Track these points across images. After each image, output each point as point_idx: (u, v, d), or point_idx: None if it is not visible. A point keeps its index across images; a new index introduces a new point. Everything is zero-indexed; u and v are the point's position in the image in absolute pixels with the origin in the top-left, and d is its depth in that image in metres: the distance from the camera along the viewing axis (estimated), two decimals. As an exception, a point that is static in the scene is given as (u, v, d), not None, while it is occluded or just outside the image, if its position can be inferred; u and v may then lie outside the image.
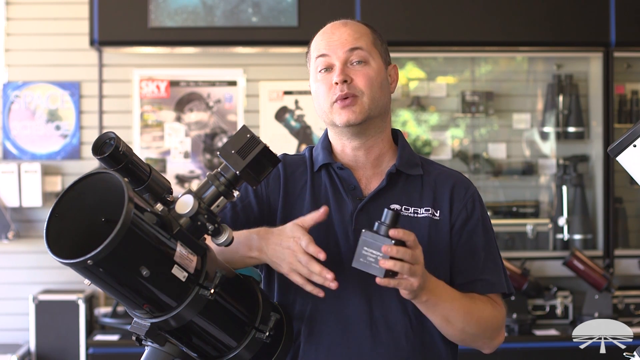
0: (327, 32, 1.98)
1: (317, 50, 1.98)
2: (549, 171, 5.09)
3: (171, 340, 1.69)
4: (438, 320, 1.87)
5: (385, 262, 1.70)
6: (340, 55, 1.94)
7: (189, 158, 4.92)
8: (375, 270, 1.72)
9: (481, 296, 1.95)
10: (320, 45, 1.97)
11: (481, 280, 1.95)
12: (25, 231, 4.83)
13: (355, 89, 1.92)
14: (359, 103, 1.92)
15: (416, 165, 2.00)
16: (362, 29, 1.99)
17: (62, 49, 4.88)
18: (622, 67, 5.02)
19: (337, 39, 1.95)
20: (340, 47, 1.94)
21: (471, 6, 4.73)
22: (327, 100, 1.94)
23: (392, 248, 1.70)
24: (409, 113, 5.04)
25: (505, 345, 4.23)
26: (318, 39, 1.99)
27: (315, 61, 1.97)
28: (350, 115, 1.92)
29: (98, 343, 4.32)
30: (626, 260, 4.86)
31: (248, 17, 4.66)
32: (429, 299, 1.82)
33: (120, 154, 1.59)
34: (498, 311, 1.95)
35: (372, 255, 1.72)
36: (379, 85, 1.95)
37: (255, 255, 1.87)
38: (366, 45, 1.95)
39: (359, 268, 1.73)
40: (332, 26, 1.99)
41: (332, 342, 1.91)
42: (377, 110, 1.95)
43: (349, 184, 1.97)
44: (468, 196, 1.99)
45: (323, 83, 1.95)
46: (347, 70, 1.93)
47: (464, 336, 1.91)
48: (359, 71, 1.93)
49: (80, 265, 1.46)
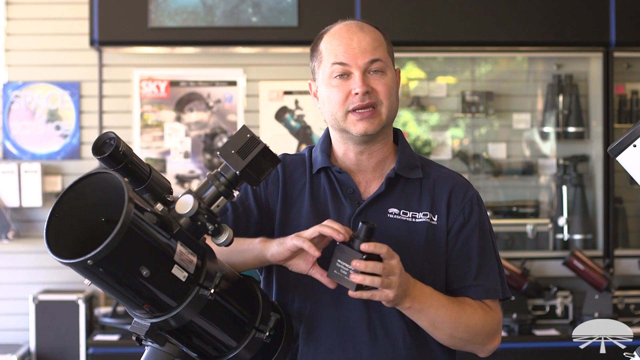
0: (343, 36, 1.92)
1: (333, 55, 1.92)
2: (549, 171, 5.09)
3: (171, 340, 1.69)
4: (425, 324, 1.88)
5: (355, 276, 1.72)
6: (360, 64, 1.89)
7: (189, 158, 4.92)
8: (348, 284, 1.74)
9: (473, 301, 1.94)
10: (338, 50, 1.91)
11: (475, 286, 1.95)
12: (25, 231, 4.83)
13: (376, 99, 1.90)
14: (377, 114, 1.90)
15: (416, 168, 1.99)
16: (378, 35, 1.94)
17: (62, 49, 4.88)
18: (622, 67, 5.02)
19: (357, 46, 1.90)
20: (360, 56, 1.89)
21: (471, 6, 4.73)
22: (342, 108, 1.91)
23: (361, 263, 1.72)
24: (409, 113, 5.04)
25: (505, 345, 4.26)
26: (333, 43, 1.93)
27: (330, 66, 1.92)
28: (369, 127, 1.90)
29: (98, 343, 4.32)
30: (626, 260, 4.86)
31: (248, 17, 4.66)
32: (412, 306, 1.82)
33: (120, 154, 1.59)
34: (490, 317, 1.95)
35: (345, 268, 1.74)
36: (395, 94, 1.94)
37: (258, 252, 1.87)
38: (383, 55, 1.92)
39: (333, 279, 1.75)
40: (348, 30, 1.93)
41: (330, 345, 1.91)
42: (392, 118, 1.95)
43: (347, 188, 1.97)
44: (466, 200, 1.98)
45: (339, 90, 1.91)
46: (367, 80, 1.90)
47: (454, 341, 1.91)
48: (378, 80, 1.90)
49: (80, 265, 1.46)
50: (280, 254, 1.83)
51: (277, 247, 1.83)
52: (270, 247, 1.85)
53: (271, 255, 1.84)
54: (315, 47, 1.98)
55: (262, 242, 1.87)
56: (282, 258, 1.84)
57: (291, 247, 1.80)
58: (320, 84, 1.96)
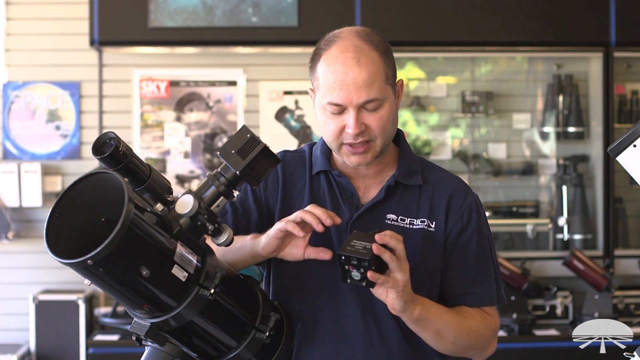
0: (339, 70, 1.83)
1: (329, 92, 1.84)
2: (549, 171, 5.09)
3: (171, 340, 1.69)
4: (430, 335, 1.86)
5: (377, 247, 1.71)
6: (354, 103, 1.83)
7: (189, 158, 4.92)
8: (362, 254, 1.71)
9: (470, 309, 1.94)
10: (333, 87, 1.83)
11: (472, 293, 1.94)
12: (25, 231, 4.83)
13: (369, 135, 1.86)
14: (371, 148, 1.88)
15: (416, 173, 1.98)
16: (375, 66, 1.84)
17: (62, 49, 4.88)
18: (622, 67, 5.02)
19: (352, 83, 1.82)
20: (355, 94, 1.82)
21: (471, 6, 4.73)
22: (337, 141, 1.89)
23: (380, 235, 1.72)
24: (409, 113, 5.04)
25: (506, 345, 4.26)
26: (329, 77, 1.84)
27: (326, 102, 1.86)
28: (362, 160, 1.89)
29: (98, 343, 4.32)
30: (626, 260, 4.86)
31: (248, 17, 4.66)
32: (420, 314, 1.81)
33: (120, 154, 1.59)
34: (488, 322, 1.95)
35: (360, 244, 1.73)
36: (391, 123, 1.89)
37: (250, 248, 1.88)
38: (380, 91, 1.84)
39: (344, 254, 1.72)
40: (344, 64, 1.83)
41: (325, 350, 1.91)
42: (387, 145, 1.92)
43: (346, 191, 1.96)
44: (465, 206, 1.97)
45: (334, 123, 1.87)
46: (362, 117, 1.85)
47: (456, 348, 1.91)
48: (373, 117, 1.85)
49: (80, 265, 1.46)
50: (269, 245, 1.83)
51: (265, 238, 1.84)
52: (259, 241, 1.86)
53: (262, 248, 1.85)
54: (313, 64, 1.91)
55: (253, 238, 1.88)
56: (273, 248, 1.84)
57: (276, 233, 1.81)
58: (317, 104, 1.92)
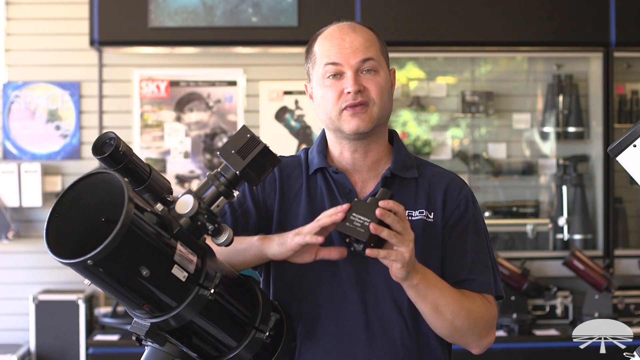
0: (335, 37, 1.95)
1: (326, 56, 1.94)
2: (549, 171, 5.09)
3: (171, 340, 1.69)
4: (428, 308, 1.86)
5: (375, 227, 1.71)
6: (352, 63, 1.92)
7: (189, 158, 4.92)
8: (359, 234, 1.72)
9: (471, 292, 1.94)
10: (330, 51, 1.94)
11: (470, 280, 1.94)
12: (25, 231, 4.83)
13: (367, 97, 1.92)
14: (369, 112, 1.92)
15: (411, 168, 2.01)
16: (371, 36, 1.96)
17: (62, 49, 4.88)
18: (622, 67, 5.02)
19: (349, 46, 1.93)
20: (352, 55, 1.92)
21: (471, 6, 4.73)
22: (336, 107, 1.93)
23: (382, 209, 1.72)
24: (409, 113, 5.04)
25: (505, 345, 4.27)
26: (326, 45, 1.96)
27: (323, 67, 1.94)
28: (360, 123, 1.92)
29: (98, 343, 4.32)
30: (626, 260, 4.86)
31: (248, 17, 4.66)
32: (419, 283, 1.81)
33: (120, 154, 1.59)
34: (489, 308, 1.94)
35: (359, 221, 1.73)
36: (387, 94, 1.96)
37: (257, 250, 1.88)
38: (376, 55, 1.94)
39: (343, 232, 1.73)
40: (341, 31, 1.96)
41: (328, 345, 1.91)
42: (384, 118, 1.97)
43: (344, 188, 1.98)
44: (462, 196, 1.99)
45: (332, 89, 1.93)
46: (359, 79, 1.92)
47: (453, 330, 1.89)
48: (370, 80, 1.93)
49: (80, 265, 1.47)
50: (283, 254, 1.84)
51: (279, 247, 1.84)
52: (270, 246, 1.85)
53: (273, 255, 1.85)
54: (309, 49, 2.01)
55: (261, 240, 1.88)
56: (286, 256, 1.85)
57: (294, 247, 1.82)
58: (315, 84, 1.98)
